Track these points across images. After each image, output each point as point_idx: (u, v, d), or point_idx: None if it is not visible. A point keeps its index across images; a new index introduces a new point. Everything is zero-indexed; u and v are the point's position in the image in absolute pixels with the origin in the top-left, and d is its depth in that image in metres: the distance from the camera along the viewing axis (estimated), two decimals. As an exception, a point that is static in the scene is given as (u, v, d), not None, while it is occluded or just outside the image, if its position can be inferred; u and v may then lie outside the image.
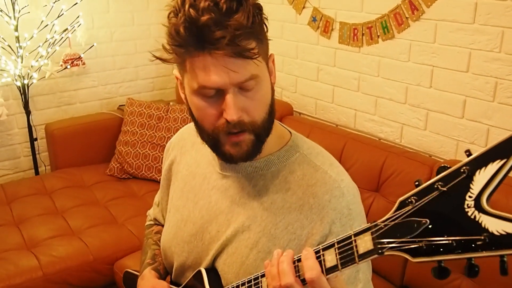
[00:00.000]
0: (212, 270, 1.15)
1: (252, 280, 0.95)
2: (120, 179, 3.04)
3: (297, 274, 0.83)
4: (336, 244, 0.77)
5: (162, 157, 2.94)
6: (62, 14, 2.91)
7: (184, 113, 3.03)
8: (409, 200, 0.68)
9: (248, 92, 0.95)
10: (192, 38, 0.89)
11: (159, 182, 2.96)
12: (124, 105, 3.23)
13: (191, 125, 1.33)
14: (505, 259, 0.58)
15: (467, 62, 2.09)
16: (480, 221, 0.60)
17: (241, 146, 1.00)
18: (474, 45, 2.05)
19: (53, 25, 2.93)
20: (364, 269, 1.04)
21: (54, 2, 2.89)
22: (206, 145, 1.07)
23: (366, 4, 2.47)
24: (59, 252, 2.25)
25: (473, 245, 0.60)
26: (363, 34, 2.51)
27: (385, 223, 0.70)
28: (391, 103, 2.45)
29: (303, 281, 0.82)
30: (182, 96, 1.06)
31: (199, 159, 1.23)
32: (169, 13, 0.93)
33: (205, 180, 1.19)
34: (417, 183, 0.68)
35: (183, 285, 1.20)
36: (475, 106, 2.10)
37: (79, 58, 3.17)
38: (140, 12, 3.50)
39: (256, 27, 0.91)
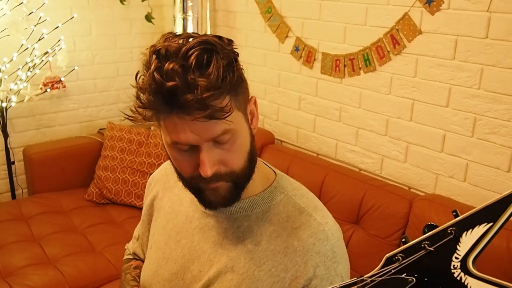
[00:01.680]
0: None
1: None
2: (99, 204, 3.00)
3: None
4: (322, 296, 0.76)
5: (142, 183, 2.93)
6: (43, 37, 2.89)
7: (165, 139, 3.02)
8: (396, 257, 0.68)
9: (223, 145, 0.94)
10: (159, 102, 0.87)
11: (138, 208, 2.94)
12: (105, 129, 3.20)
13: (174, 160, 1.33)
14: (488, 322, 0.59)
15: (447, 97, 2.13)
16: (466, 283, 0.60)
17: (219, 192, 1.00)
18: (454, 81, 2.10)
19: (33, 48, 2.91)
20: None
21: (35, 26, 2.87)
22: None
23: (348, 36, 2.50)
24: (34, 281, 2.20)
25: (458, 308, 0.60)
26: (345, 66, 2.54)
27: (372, 279, 0.70)
28: (372, 135, 2.47)
29: None
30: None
31: (182, 197, 1.22)
32: (137, 73, 0.92)
33: (188, 219, 1.18)
34: (403, 240, 0.68)
35: None
36: (454, 141, 2.13)
37: (60, 81, 3.14)
38: (122, 35, 3.49)
39: (227, 83, 0.88)
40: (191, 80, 0.85)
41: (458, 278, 0.61)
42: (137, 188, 2.95)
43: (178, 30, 3.27)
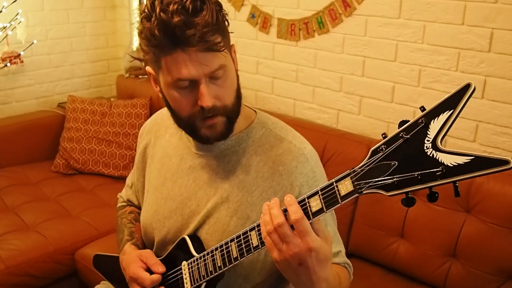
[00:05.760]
0: (194, 237, 1.28)
1: (241, 235, 1.06)
2: (66, 175, 3.06)
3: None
4: (319, 191, 0.93)
5: (108, 151, 3.01)
6: (2, 11, 2.88)
7: (128, 108, 3.10)
8: (380, 148, 0.86)
9: (218, 80, 1.10)
10: (166, 38, 1.03)
11: (106, 176, 3.02)
12: (65, 102, 3.24)
13: (163, 111, 1.45)
14: (457, 184, 0.78)
15: (395, 53, 2.35)
16: (437, 158, 0.78)
17: (216, 128, 1.15)
18: (400, 37, 2.31)
19: (-6, 22, 2.91)
20: (331, 222, 1.22)
21: (-8, -1, 2.87)
22: (182, 131, 1.21)
23: (302, 2, 2.66)
24: (18, 245, 2.27)
25: (433, 176, 0.78)
26: (300, 29, 2.71)
27: (361, 168, 0.88)
28: (328, 92, 2.67)
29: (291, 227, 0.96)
30: (156, 90, 1.20)
31: (174, 142, 1.36)
32: (141, 19, 1.07)
33: (182, 161, 1.32)
34: (384, 135, 0.86)
35: (167, 252, 1.31)
36: (403, 91, 2.36)
37: (18, 56, 3.14)
38: (75, 10, 3.49)
39: (220, 23, 1.07)
40: (191, 20, 1.02)
41: (431, 155, 0.79)
42: (104, 157, 3.03)
43: (134, 5, 3.33)
